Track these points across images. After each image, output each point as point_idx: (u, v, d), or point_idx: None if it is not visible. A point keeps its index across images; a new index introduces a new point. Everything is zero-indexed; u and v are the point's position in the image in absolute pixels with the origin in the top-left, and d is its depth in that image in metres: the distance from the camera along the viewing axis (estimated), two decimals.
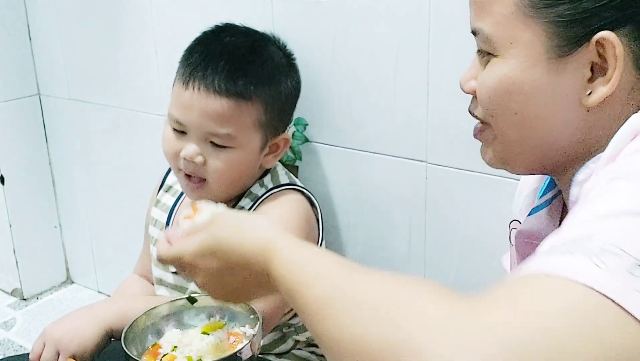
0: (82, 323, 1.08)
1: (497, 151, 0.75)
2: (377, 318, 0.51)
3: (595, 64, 0.67)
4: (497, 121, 0.73)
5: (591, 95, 0.67)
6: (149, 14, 1.48)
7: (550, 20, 0.67)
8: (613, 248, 0.50)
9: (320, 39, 1.23)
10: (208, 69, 1.08)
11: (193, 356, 0.90)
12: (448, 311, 0.50)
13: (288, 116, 1.19)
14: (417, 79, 1.14)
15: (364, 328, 0.51)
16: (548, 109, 0.70)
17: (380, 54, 1.17)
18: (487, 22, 0.71)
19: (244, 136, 1.10)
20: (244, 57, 1.12)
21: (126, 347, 0.89)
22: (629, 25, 0.66)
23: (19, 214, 1.84)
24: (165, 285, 1.23)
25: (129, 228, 1.73)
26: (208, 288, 0.76)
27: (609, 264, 0.49)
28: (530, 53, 0.69)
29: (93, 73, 1.66)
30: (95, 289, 1.93)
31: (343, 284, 0.57)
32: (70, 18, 1.66)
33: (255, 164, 1.15)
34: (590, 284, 0.48)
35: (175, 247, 0.77)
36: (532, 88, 0.69)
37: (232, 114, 1.08)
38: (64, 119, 1.78)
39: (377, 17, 1.16)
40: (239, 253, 0.71)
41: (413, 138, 1.17)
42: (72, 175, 1.84)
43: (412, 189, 1.20)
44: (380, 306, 0.52)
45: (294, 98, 1.19)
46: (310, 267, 0.62)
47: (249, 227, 0.73)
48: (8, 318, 1.84)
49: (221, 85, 1.07)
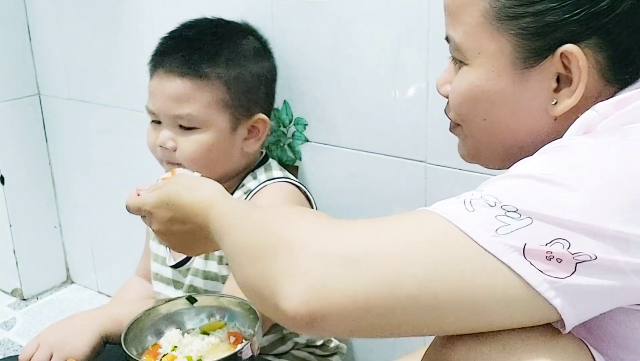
0: (77, 328, 1.09)
1: (469, 148, 0.80)
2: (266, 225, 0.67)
3: (561, 75, 0.69)
4: (467, 125, 0.77)
5: (557, 105, 0.70)
6: (148, 14, 1.48)
7: (515, 32, 0.69)
8: (491, 198, 0.59)
9: (320, 39, 1.23)
10: (165, 54, 1.15)
11: (193, 356, 0.90)
12: (325, 222, 0.65)
13: (260, 97, 1.19)
14: (417, 79, 1.14)
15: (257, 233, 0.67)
16: (515, 117, 0.72)
17: (379, 54, 1.17)
18: (458, 31, 0.73)
19: (207, 116, 1.13)
20: (201, 40, 1.16)
21: (126, 347, 0.89)
22: (594, 38, 0.67)
23: (19, 214, 1.84)
24: (161, 280, 1.23)
25: (129, 228, 1.73)
26: (161, 234, 0.89)
27: (478, 208, 0.59)
28: (497, 63, 0.71)
29: (93, 73, 1.66)
30: (95, 290, 1.93)
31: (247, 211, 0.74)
32: (70, 18, 1.66)
33: (231, 147, 1.16)
34: (448, 217, 0.59)
35: (140, 197, 0.92)
36: (498, 97, 0.72)
37: (190, 93, 1.12)
38: (64, 119, 1.78)
39: (377, 17, 1.16)
40: (187, 207, 0.83)
41: (413, 138, 1.17)
42: (72, 175, 1.84)
43: (412, 189, 1.20)
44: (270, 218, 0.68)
45: (266, 81, 1.20)
46: (230, 210, 0.76)
47: (198, 186, 0.85)
48: (8, 318, 1.83)
49: (176, 66, 1.13)
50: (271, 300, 0.61)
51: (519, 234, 0.57)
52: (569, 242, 0.57)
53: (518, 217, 0.58)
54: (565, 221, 0.57)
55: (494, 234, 0.58)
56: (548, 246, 0.57)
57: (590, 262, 0.57)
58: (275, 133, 1.34)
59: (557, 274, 0.57)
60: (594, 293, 0.58)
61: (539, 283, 0.57)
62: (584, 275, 0.57)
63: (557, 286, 0.57)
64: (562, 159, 0.62)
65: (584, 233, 0.57)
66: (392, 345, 1.33)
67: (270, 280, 0.61)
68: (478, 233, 0.58)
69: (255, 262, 0.64)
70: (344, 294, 0.58)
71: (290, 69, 1.28)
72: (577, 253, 0.57)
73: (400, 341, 1.32)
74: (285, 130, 1.33)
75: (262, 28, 1.24)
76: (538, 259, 0.57)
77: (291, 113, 1.32)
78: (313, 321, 0.58)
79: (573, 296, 0.58)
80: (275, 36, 1.27)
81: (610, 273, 0.58)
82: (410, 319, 0.59)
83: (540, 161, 0.63)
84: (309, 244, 0.61)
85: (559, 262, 0.57)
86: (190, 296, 0.99)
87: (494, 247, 0.58)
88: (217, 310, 0.98)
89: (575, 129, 0.67)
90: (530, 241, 0.57)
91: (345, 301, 0.58)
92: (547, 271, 0.57)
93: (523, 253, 0.57)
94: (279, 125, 1.34)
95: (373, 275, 0.58)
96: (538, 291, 0.57)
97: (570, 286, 0.57)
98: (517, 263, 0.57)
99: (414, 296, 0.58)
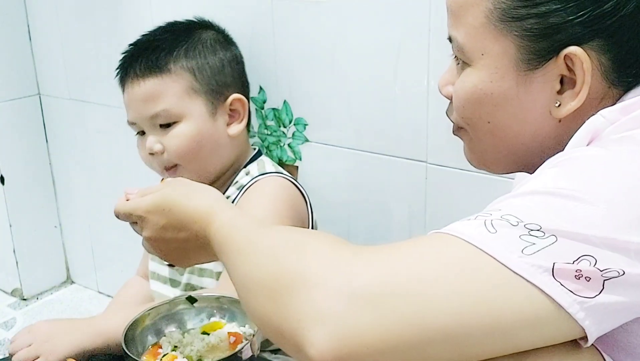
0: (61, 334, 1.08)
1: (475, 153, 0.79)
2: (280, 257, 0.63)
3: (564, 77, 0.69)
4: (471, 128, 0.76)
5: (560, 107, 0.69)
6: (148, 14, 1.48)
7: (519, 33, 0.69)
8: (512, 218, 0.57)
9: (320, 39, 1.23)
10: (126, 65, 1.18)
11: (193, 356, 0.90)
12: (340, 252, 0.61)
13: (229, 79, 1.20)
14: (417, 79, 1.14)
15: (270, 265, 0.63)
16: (518, 119, 0.72)
17: (380, 54, 1.17)
18: (461, 31, 0.73)
19: (182, 106, 1.14)
20: (157, 40, 1.18)
21: (126, 347, 0.89)
22: (597, 40, 0.67)
23: (19, 214, 1.84)
24: (158, 279, 1.23)
25: (129, 228, 1.73)
26: (152, 242, 0.84)
27: (500, 230, 0.57)
28: (500, 65, 0.70)
29: (93, 73, 1.66)
30: (95, 289, 1.93)
31: (255, 235, 0.69)
32: (70, 18, 1.66)
33: (215, 133, 1.17)
34: (471, 241, 0.57)
35: (130, 202, 0.86)
36: (502, 99, 0.71)
37: (158, 89, 1.14)
38: (64, 119, 1.78)
39: (377, 17, 1.16)
40: (184, 214, 0.79)
41: (413, 138, 1.17)
42: (72, 175, 1.84)
43: (412, 190, 1.20)
44: (283, 248, 0.64)
45: (231, 64, 1.21)
46: (234, 228, 0.72)
47: (196, 192, 0.82)
48: (8, 318, 1.83)
49: (139, 70, 1.15)
50: (294, 344, 0.58)
51: (546, 253, 0.56)
52: (595, 258, 0.55)
53: (542, 235, 0.56)
54: (590, 236, 0.56)
55: (521, 255, 0.56)
56: (575, 264, 0.55)
57: (618, 278, 0.56)
58: (275, 133, 1.34)
59: (587, 293, 0.56)
60: (619, 310, 0.58)
61: (570, 305, 0.56)
62: (611, 293, 0.56)
63: (587, 307, 0.56)
64: (576, 172, 0.61)
65: (608, 248, 0.56)
66: None
67: (292, 322, 0.58)
68: (505, 256, 0.56)
69: (271, 300, 0.61)
70: (371, 336, 0.55)
71: (290, 69, 1.28)
72: (605, 270, 0.55)
73: None
74: (285, 130, 1.33)
75: (262, 28, 1.24)
76: (568, 278, 0.56)
77: (291, 113, 1.32)
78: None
79: (600, 315, 0.57)
80: (275, 36, 1.27)
81: (636, 288, 0.57)
82: (441, 352, 0.57)
83: (554, 175, 0.62)
84: (328, 281, 0.57)
85: (588, 280, 0.55)
86: (190, 296, 0.99)
87: (523, 269, 0.55)
88: (217, 310, 0.98)
89: (582, 134, 0.66)
90: (558, 259, 0.55)
91: (373, 343, 0.55)
92: (577, 291, 0.55)
93: (552, 274, 0.55)
94: (279, 125, 1.34)
95: (400, 313, 0.55)
96: (569, 313, 0.56)
97: (599, 305, 0.56)
98: (548, 285, 0.55)
99: (444, 330, 0.56)
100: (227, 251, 0.72)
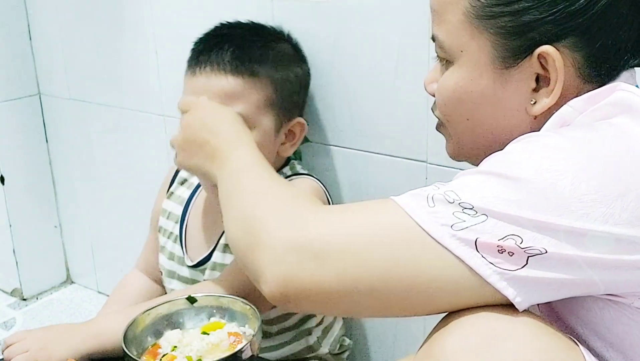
0: (60, 340, 1.07)
1: (455, 147, 0.82)
2: (251, 204, 0.79)
3: (540, 75, 0.71)
4: (451, 124, 0.79)
5: (535, 104, 0.71)
6: (148, 14, 1.48)
7: (494, 31, 0.71)
8: (451, 194, 0.64)
9: (320, 39, 1.23)
10: (213, 52, 1.10)
11: (193, 356, 0.90)
12: (299, 208, 0.73)
13: (300, 100, 1.19)
14: (417, 79, 1.14)
15: (245, 208, 0.79)
16: (496, 116, 0.74)
17: (380, 54, 1.17)
18: (442, 29, 0.75)
19: (256, 116, 1.10)
20: (248, 39, 1.14)
21: (126, 347, 0.89)
22: (570, 37, 0.69)
23: (19, 214, 1.84)
24: (179, 279, 1.22)
25: (129, 228, 1.73)
26: (184, 131, 1.02)
27: (438, 205, 0.63)
28: (477, 62, 0.72)
29: (93, 73, 1.66)
30: (95, 289, 1.93)
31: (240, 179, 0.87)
32: (70, 18, 1.66)
33: (272, 150, 1.15)
34: (410, 212, 0.64)
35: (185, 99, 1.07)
36: (480, 97, 0.74)
37: (241, 91, 1.09)
38: (64, 119, 1.78)
39: (377, 17, 1.16)
40: (214, 125, 0.99)
41: (413, 138, 1.17)
42: (72, 175, 1.84)
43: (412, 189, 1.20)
44: (255, 196, 0.80)
45: (305, 84, 1.20)
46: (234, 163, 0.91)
47: (232, 119, 1.01)
48: (8, 318, 1.83)
49: (227, 63, 1.09)
50: (255, 280, 0.73)
51: (473, 230, 0.61)
52: (521, 238, 0.60)
53: (474, 214, 0.62)
54: (518, 218, 0.60)
55: (449, 230, 0.62)
56: (500, 241, 0.60)
57: (541, 255, 0.60)
58: None
59: (508, 266, 0.61)
60: (547, 284, 0.61)
61: (489, 275, 0.61)
62: (535, 268, 0.60)
63: (508, 278, 0.61)
64: (521, 154, 0.64)
65: (536, 229, 0.60)
66: (391, 345, 1.33)
67: (254, 262, 0.72)
68: (434, 229, 0.62)
69: (242, 238, 0.77)
70: (311, 284, 0.67)
71: None
72: (528, 248, 0.60)
73: (399, 342, 1.32)
74: None
75: None
76: (489, 252, 0.61)
77: None
78: (287, 302, 0.69)
79: (525, 286, 0.61)
80: None
81: (563, 266, 0.60)
82: (368, 304, 0.67)
83: (501, 156, 0.66)
84: (282, 232, 0.70)
85: (511, 255, 0.61)
86: (190, 296, 0.99)
87: (448, 241, 0.62)
88: (217, 310, 0.98)
89: (551, 124, 0.69)
90: (483, 236, 0.61)
91: (312, 289, 0.67)
92: (498, 263, 0.61)
93: (475, 247, 0.61)
94: None
95: (335, 269, 0.66)
96: (489, 282, 0.61)
97: (522, 278, 0.61)
98: (469, 256, 0.61)
99: (373, 288, 0.65)
100: (220, 184, 0.90)
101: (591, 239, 0.59)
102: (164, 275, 1.25)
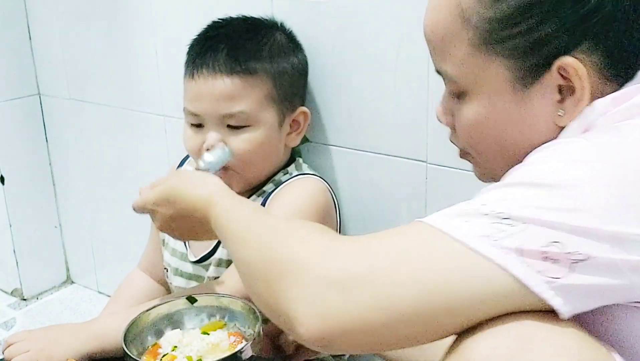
0: (61, 342, 1.07)
1: (486, 171, 0.80)
2: (273, 243, 0.71)
3: (562, 86, 0.69)
4: (480, 154, 0.77)
5: (565, 115, 0.70)
6: (148, 14, 1.48)
7: (507, 54, 0.69)
8: (484, 208, 0.61)
9: (320, 39, 1.23)
10: (208, 54, 1.11)
11: (193, 356, 0.90)
12: (325, 240, 0.68)
13: (300, 89, 1.20)
14: (417, 79, 1.14)
15: (264, 252, 0.71)
16: (525, 135, 0.72)
17: (380, 54, 1.17)
18: (449, 64, 0.73)
19: (258, 112, 1.11)
20: (242, 37, 1.14)
21: (126, 347, 0.89)
22: (585, 42, 0.67)
23: (19, 214, 1.84)
24: (182, 275, 1.22)
25: (129, 228, 1.73)
26: (165, 229, 0.95)
27: (473, 219, 0.61)
28: (496, 88, 0.71)
29: (93, 73, 1.66)
30: (95, 289, 1.93)
31: (252, 222, 0.77)
32: (70, 18, 1.66)
33: (278, 143, 1.16)
34: (444, 230, 0.61)
35: (141, 196, 0.96)
36: (506, 123, 0.72)
37: (241, 90, 1.10)
38: (64, 119, 1.78)
39: (378, 17, 1.16)
40: (188, 202, 0.89)
41: (413, 138, 1.17)
42: (72, 175, 1.84)
43: (412, 189, 1.20)
44: (275, 235, 0.72)
45: (303, 72, 1.20)
46: (233, 213, 0.82)
47: (198, 182, 0.90)
48: (8, 318, 1.83)
49: (223, 65, 1.10)
50: (287, 323, 0.66)
51: (515, 238, 0.58)
52: (564, 244, 0.58)
53: (512, 223, 0.59)
54: (558, 224, 0.58)
55: (489, 240, 0.59)
56: (544, 248, 0.58)
57: (585, 261, 0.58)
58: None
59: (554, 274, 0.58)
60: (591, 291, 0.59)
61: (537, 284, 0.58)
62: (581, 273, 0.58)
63: (555, 286, 0.58)
64: (552, 162, 0.63)
65: (577, 235, 0.58)
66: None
67: (282, 304, 0.66)
68: (473, 241, 0.59)
69: (266, 283, 0.69)
70: (348, 318, 0.61)
71: None
72: (571, 253, 0.58)
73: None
74: None
75: None
76: (534, 260, 0.58)
77: None
78: (326, 343, 0.63)
79: (570, 294, 0.59)
80: None
81: (606, 271, 0.58)
82: (411, 332, 0.62)
83: (526, 167, 0.64)
84: (312, 268, 0.64)
85: (555, 262, 0.58)
86: (190, 296, 0.99)
87: (489, 250, 0.59)
88: (217, 310, 0.98)
89: (575, 126, 0.68)
90: (526, 243, 0.58)
91: (351, 325, 0.62)
92: (544, 271, 0.58)
93: (519, 255, 0.58)
94: None
95: (373, 299, 0.61)
96: (534, 291, 0.58)
97: (568, 285, 0.58)
98: (513, 264, 0.58)
99: (417, 312, 0.60)
100: (226, 239, 0.81)
101: (632, 243, 0.58)
102: (169, 272, 1.25)
